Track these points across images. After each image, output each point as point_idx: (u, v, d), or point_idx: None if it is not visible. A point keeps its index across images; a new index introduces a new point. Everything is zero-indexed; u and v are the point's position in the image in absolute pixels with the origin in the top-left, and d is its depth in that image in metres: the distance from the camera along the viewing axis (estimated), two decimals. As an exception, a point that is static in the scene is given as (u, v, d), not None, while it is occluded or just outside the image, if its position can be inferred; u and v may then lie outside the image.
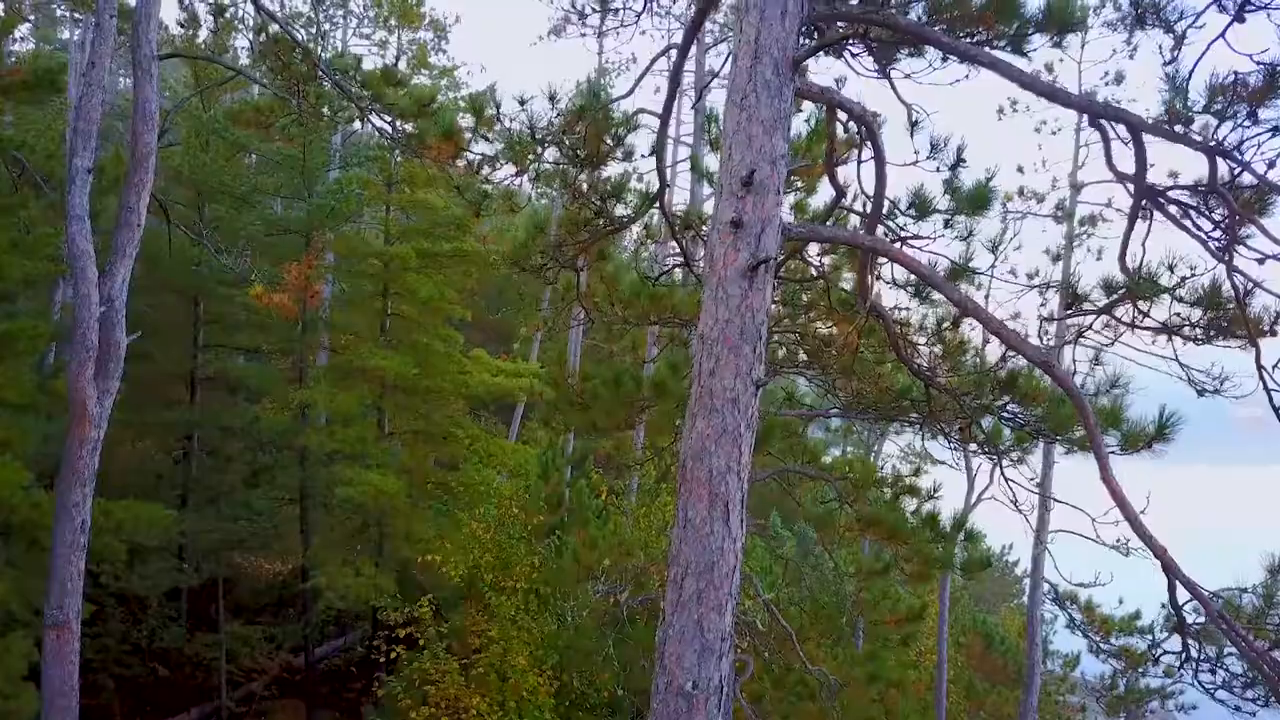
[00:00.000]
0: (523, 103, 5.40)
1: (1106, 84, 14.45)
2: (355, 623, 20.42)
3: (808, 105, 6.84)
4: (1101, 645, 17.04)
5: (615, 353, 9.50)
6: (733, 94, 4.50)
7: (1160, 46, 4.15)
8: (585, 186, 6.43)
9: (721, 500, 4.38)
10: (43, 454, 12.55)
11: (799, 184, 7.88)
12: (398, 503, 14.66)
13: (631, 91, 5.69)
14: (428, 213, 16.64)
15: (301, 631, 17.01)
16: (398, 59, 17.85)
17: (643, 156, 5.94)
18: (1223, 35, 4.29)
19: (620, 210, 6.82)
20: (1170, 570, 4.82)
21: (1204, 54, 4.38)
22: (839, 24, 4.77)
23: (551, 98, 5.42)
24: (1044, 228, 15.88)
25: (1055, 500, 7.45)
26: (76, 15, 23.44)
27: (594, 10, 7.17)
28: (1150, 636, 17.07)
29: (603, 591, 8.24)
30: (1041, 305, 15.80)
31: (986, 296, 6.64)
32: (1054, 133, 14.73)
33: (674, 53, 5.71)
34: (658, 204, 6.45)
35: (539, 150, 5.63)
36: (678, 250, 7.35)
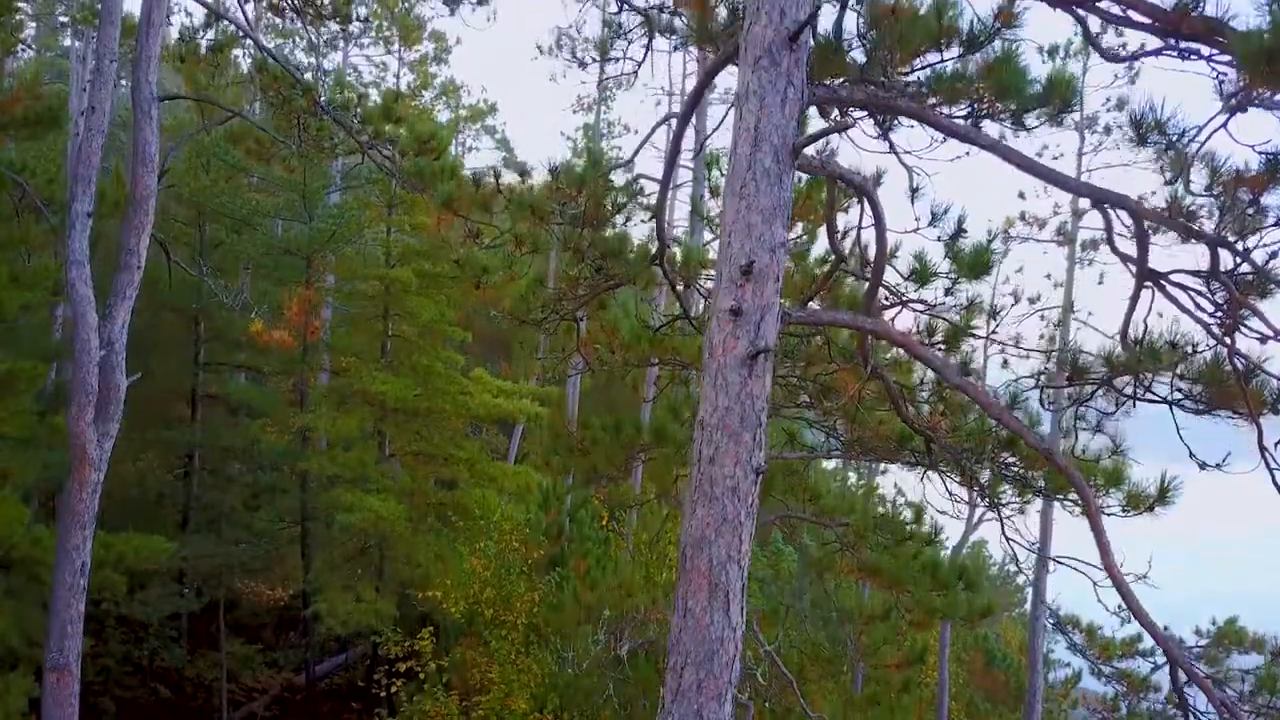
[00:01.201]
0: (523, 175, 5.39)
1: (1108, 108, 14.42)
2: (356, 639, 20.45)
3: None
4: (1102, 668, 17.05)
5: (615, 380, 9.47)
6: (732, 181, 4.48)
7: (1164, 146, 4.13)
8: (586, 244, 6.41)
9: (722, 590, 4.37)
10: (43, 478, 12.60)
11: (800, 234, 7.87)
12: (398, 528, 14.66)
13: (631, 160, 5.69)
14: (429, 234, 16.63)
15: (302, 656, 17.02)
16: (398, 77, 17.85)
17: (643, 221, 5.92)
18: (1224, 126, 4.28)
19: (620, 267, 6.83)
20: (1172, 657, 4.82)
21: (1205, 142, 4.37)
22: (840, 106, 4.76)
23: (552, 172, 5.41)
24: (1045, 250, 15.79)
25: (1056, 560, 7.41)
26: (78, 21, 23.42)
27: (593, 60, 7.14)
28: (1151, 660, 17.13)
29: (603, 642, 8.22)
30: (1041, 335, 15.83)
31: (989, 334, 6.61)
32: (1055, 158, 14.71)
33: (674, 121, 5.71)
34: (658, 262, 6.46)
35: (540, 221, 5.62)
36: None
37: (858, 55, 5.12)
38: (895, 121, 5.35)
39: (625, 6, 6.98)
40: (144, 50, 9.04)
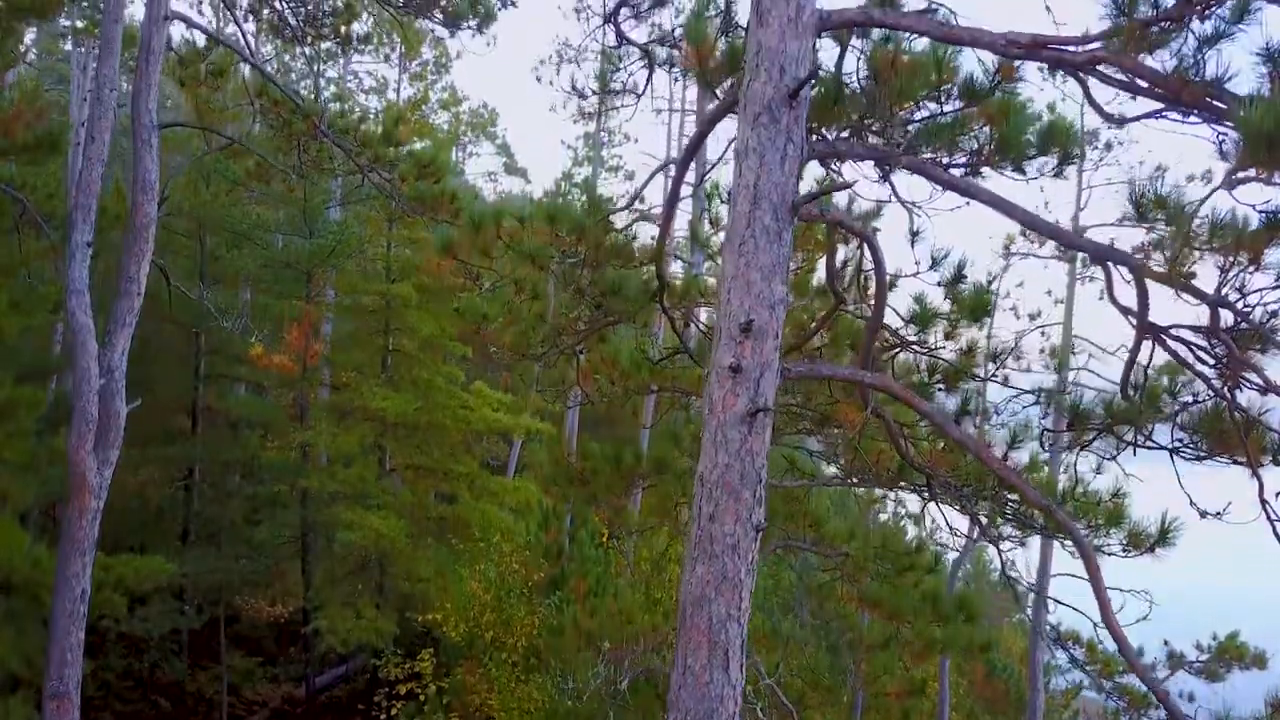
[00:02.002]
0: (522, 221, 5.39)
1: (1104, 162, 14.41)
2: (357, 651, 20.44)
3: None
4: (1103, 683, 17.04)
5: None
6: (731, 238, 4.48)
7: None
8: (585, 282, 6.40)
9: (721, 648, 4.37)
10: (42, 494, 12.59)
11: (800, 263, 7.86)
12: (398, 544, 14.66)
13: (631, 204, 5.68)
14: (429, 249, 16.62)
15: (303, 670, 17.02)
16: (399, 89, 17.84)
17: (643, 264, 5.92)
18: (1226, 187, 4.27)
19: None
20: (1172, 714, 4.81)
21: (1206, 199, 4.36)
22: (841, 159, 4.75)
23: (550, 218, 5.40)
24: (1046, 265, 15.78)
25: (1056, 602, 7.41)
26: (78, 32, 23.37)
27: (593, 92, 7.14)
28: (1152, 677, 17.10)
29: (604, 675, 8.21)
30: (1042, 348, 15.80)
31: (988, 376, 6.58)
32: (1054, 176, 14.64)
33: (673, 168, 5.71)
34: (658, 300, 6.47)
35: (539, 269, 5.61)
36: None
37: (856, 93, 5.13)
38: (896, 164, 5.36)
39: (624, 42, 6.97)
40: (143, 79, 9.03)
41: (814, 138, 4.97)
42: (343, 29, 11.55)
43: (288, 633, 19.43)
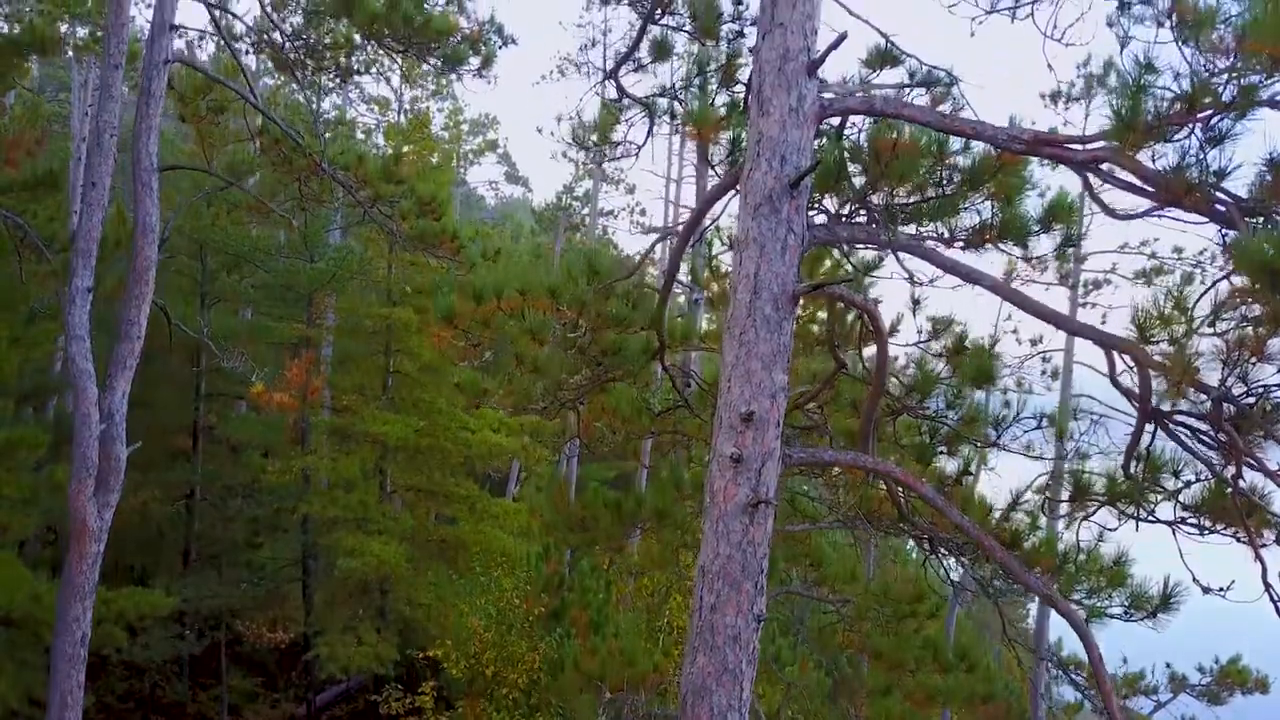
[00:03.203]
0: (523, 293, 5.37)
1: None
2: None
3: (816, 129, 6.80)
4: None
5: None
6: (732, 326, 4.47)
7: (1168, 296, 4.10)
8: (586, 343, 6.38)
9: (722, 740, 4.35)
10: (40, 524, 12.60)
11: (802, 309, 7.84)
12: (399, 570, 14.66)
13: (632, 274, 5.66)
14: (430, 272, 16.61)
15: (304, 694, 17.02)
16: (400, 109, 17.83)
17: (643, 329, 5.90)
18: (1227, 277, 4.26)
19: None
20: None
21: (1206, 291, 4.35)
22: (841, 244, 4.73)
23: (552, 292, 5.39)
24: (1047, 288, 15.73)
25: (1058, 668, 7.40)
26: (80, 48, 23.36)
27: (594, 145, 7.13)
28: (1155, 699, 17.10)
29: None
30: (1043, 372, 15.78)
31: (990, 442, 6.55)
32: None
33: (674, 239, 5.69)
34: (658, 359, 6.46)
35: (540, 345, 5.61)
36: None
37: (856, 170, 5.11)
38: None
39: (625, 97, 6.96)
40: (143, 122, 9.01)
41: (813, 211, 4.96)
42: (342, 60, 11.54)
43: (289, 653, 19.44)
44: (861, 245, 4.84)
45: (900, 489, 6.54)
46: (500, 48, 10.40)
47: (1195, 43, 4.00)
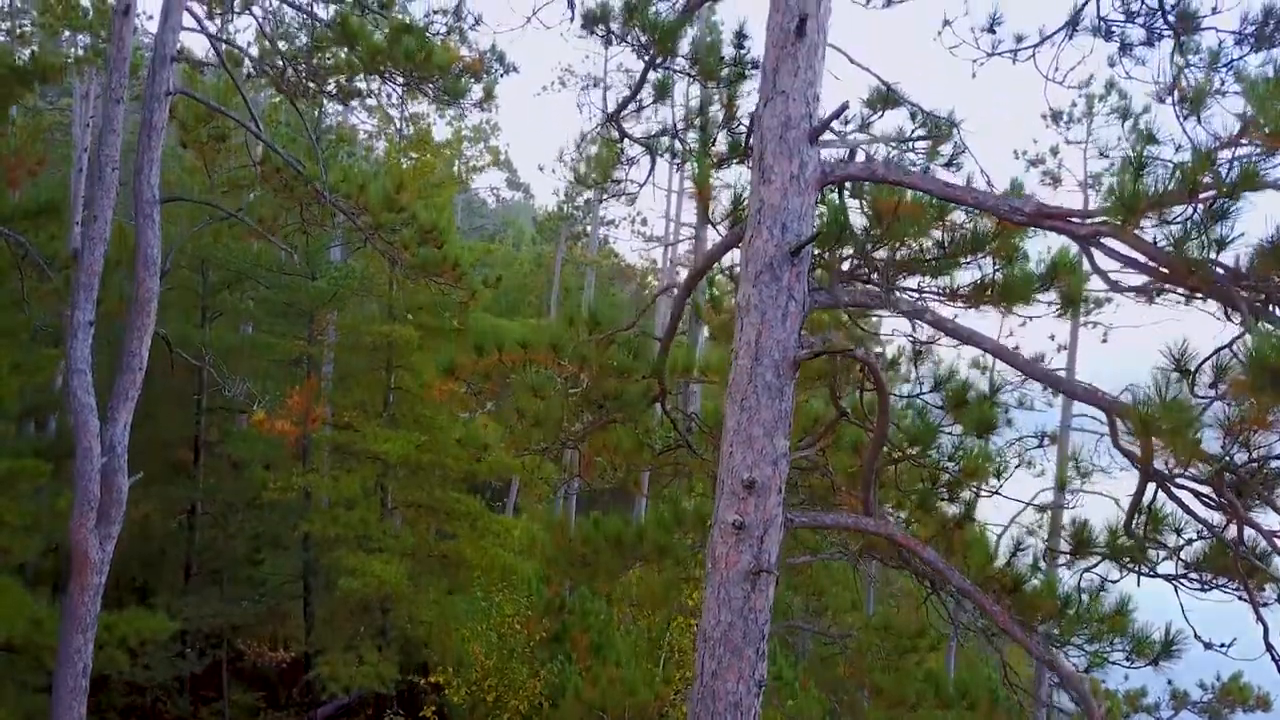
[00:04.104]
0: (524, 346, 5.38)
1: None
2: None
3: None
4: (1106, 725, 17.00)
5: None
6: (734, 392, 4.47)
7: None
8: (588, 391, 6.38)
9: (723, 807, 4.36)
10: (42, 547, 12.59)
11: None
12: (400, 590, 14.66)
13: (633, 324, 5.67)
14: (432, 290, 16.60)
15: (306, 710, 17.03)
16: (401, 129, 17.83)
17: (644, 378, 5.91)
18: (1229, 346, 4.26)
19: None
20: None
21: (1206, 359, 4.35)
22: (841, 308, 4.73)
23: (554, 347, 5.39)
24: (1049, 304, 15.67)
25: (1058, 710, 7.40)
26: (81, 61, 23.37)
27: (595, 183, 7.14)
28: (1156, 716, 17.08)
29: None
30: (1044, 388, 15.75)
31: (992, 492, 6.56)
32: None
33: (676, 290, 5.70)
34: (659, 404, 6.47)
35: (541, 400, 5.62)
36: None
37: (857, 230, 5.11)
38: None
39: (626, 138, 6.97)
40: (145, 154, 9.02)
41: (815, 272, 4.96)
42: (344, 83, 11.54)
43: (291, 668, 19.45)
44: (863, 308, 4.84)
45: (899, 533, 6.54)
46: (502, 75, 10.41)
47: (1196, 117, 4.01)
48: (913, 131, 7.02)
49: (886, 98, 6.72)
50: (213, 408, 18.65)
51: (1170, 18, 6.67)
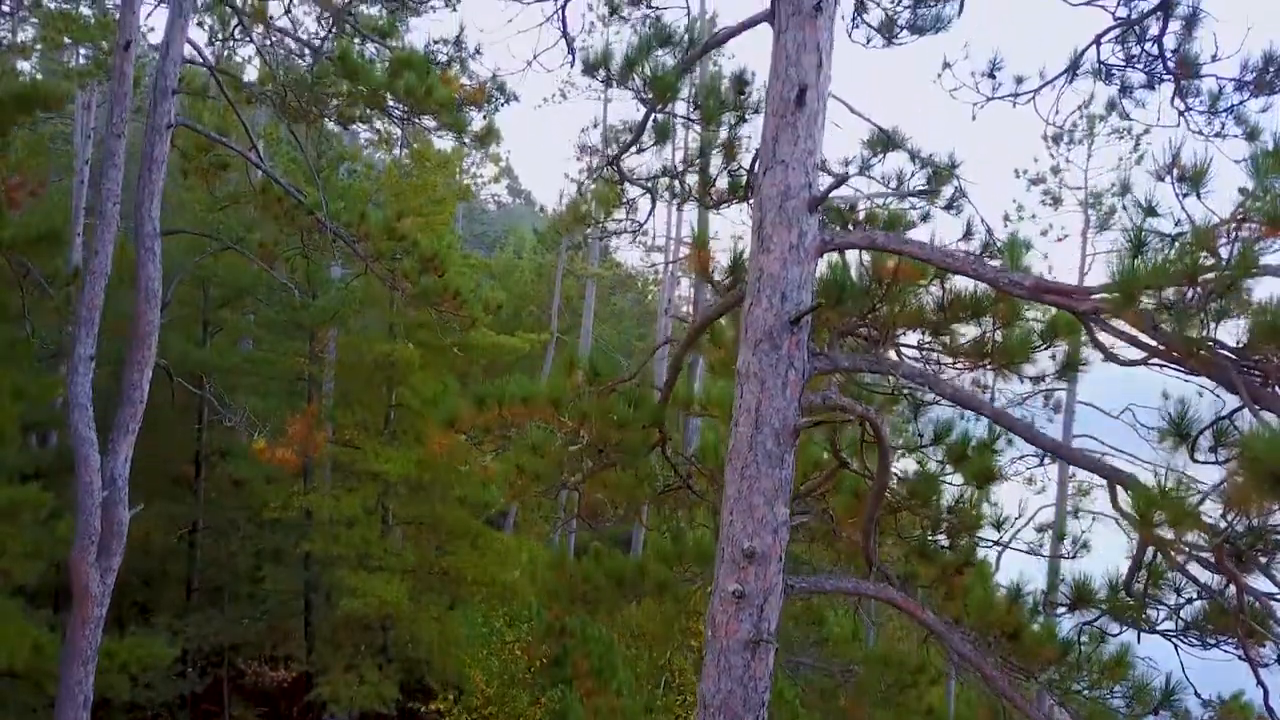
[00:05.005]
0: (525, 400, 5.38)
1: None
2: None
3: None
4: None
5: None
6: (734, 460, 4.47)
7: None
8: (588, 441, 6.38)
9: None
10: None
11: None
12: (401, 609, 14.67)
13: (635, 376, 5.68)
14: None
15: (306, 730, 17.04)
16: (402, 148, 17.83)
17: (644, 427, 5.91)
18: (1229, 417, 4.26)
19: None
20: None
21: (1207, 428, 4.35)
22: (841, 372, 4.74)
23: (554, 403, 5.40)
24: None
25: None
26: (82, 75, 23.40)
27: (595, 222, 7.16)
28: (1156, 735, 17.09)
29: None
30: (1045, 404, 15.74)
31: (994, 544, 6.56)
32: (1059, 239, 14.64)
33: (676, 345, 5.71)
34: (660, 450, 6.47)
35: (542, 458, 5.62)
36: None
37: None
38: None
39: (626, 181, 6.98)
40: (146, 187, 9.03)
41: (815, 355, 4.95)
42: (345, 109, 11.55)
43: (292, 686, 19.46)
44: (864, 372, 4.84)
45: (903, 584, 6.54)
46: (503, 104, 10.41)
47: (1196, 194, 4.01)
48: (912, 174, 7.05)
49: (887, 142, 6.74)
50: (214, 422, 18.65)
51: (1170, 64, 6.69)
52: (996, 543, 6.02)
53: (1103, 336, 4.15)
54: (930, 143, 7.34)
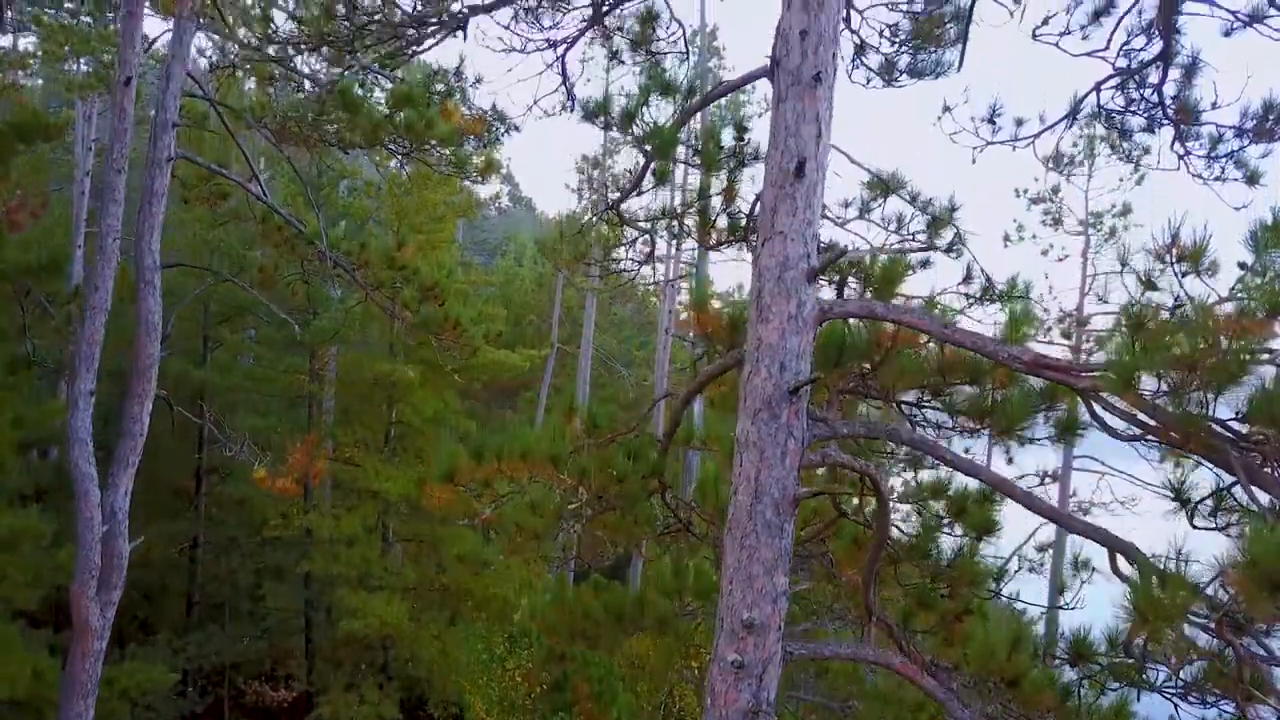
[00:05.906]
0: (524, 456, 5.38)
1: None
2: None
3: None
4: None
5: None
6: (733, 529, 4.47)
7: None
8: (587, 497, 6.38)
9: None
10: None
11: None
12: (401, 630, 14.67)
13: (635, 428, 5.68)
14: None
15: (306, 748, 17.03)
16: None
17: (644, 477, 5.91)
18: (1228, 489, 4.25)
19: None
20: None
21: (1206, 498, 4.35)
22: (841, 439, 4.73)
23: (553, 460, 5.40)
24: (1050, 340, 15.71)
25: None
26: (82, 87, 23.40)
27: (597, 260, 7.17)
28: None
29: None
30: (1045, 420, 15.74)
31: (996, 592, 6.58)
32: (1059, 259, 14.64)
33: (675, 398, 5.71)
34: (660, 497, 6.48)
35: (541, 517, 5.62)
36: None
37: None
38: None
39: (625, 224, 6.99)
40: (146, 220, 9.04)
41: (815, 420, 4.94)
42: (346, 135, 11.56)
43: (292, 705, 19.48)
44: (863, 437, 4.84)
45: (904, 630, 6.53)
46: (504, 134, 10.41)
47: (1195, 272, 4.01)
48: (912, 217, 7.05)
49: (887, 187, 6.75)
50: (214, 439, 18.67)
51: (1170, 110, 6.70)
52: (996, 593, 6.01)
53: (1100, 409, 4.15)
54: (932, 173, 7.38)
